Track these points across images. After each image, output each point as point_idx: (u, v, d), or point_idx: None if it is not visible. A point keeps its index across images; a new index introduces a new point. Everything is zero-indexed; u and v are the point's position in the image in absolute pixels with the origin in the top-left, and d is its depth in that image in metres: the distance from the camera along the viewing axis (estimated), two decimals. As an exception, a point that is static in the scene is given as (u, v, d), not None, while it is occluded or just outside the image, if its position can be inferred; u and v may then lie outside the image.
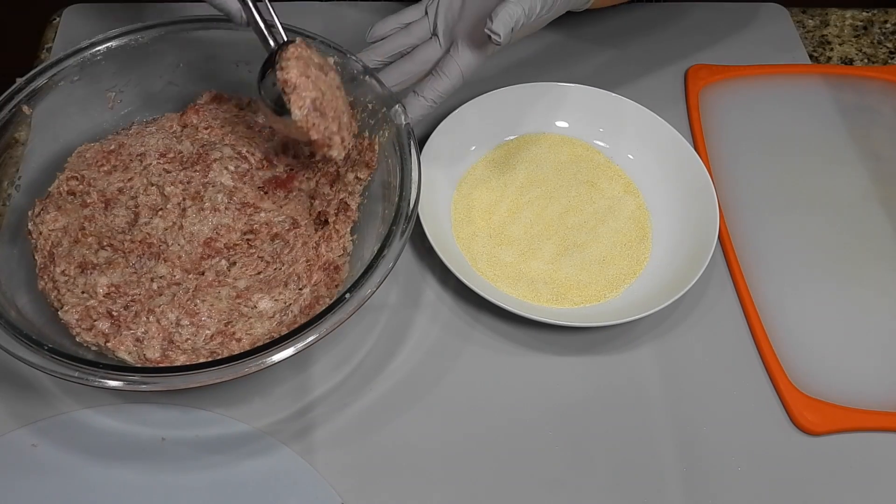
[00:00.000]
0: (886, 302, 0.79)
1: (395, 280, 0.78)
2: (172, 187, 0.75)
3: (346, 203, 0.76)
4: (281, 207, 0.76)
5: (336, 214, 0.75)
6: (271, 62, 0.69)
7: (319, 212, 0.76)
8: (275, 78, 0.68)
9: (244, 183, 0.77)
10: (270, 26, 0.70)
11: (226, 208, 0.75)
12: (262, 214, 0.75)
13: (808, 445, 0.71)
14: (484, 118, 0.86)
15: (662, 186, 0.84)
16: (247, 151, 0.78)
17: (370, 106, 0.76)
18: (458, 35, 0.74)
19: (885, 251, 0.82)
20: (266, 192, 0.77)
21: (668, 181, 0.84)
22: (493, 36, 0.67)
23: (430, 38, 0.77)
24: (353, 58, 0.77)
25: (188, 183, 0.76)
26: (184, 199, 0.75)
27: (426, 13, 0.78)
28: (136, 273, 0.70)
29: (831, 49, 1.02)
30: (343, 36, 0.82)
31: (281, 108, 0.69)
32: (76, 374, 0.59)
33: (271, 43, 0.70)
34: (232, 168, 0.77)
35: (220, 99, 0.82)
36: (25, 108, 0.74)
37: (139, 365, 0.65)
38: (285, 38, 0.70)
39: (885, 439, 0.71)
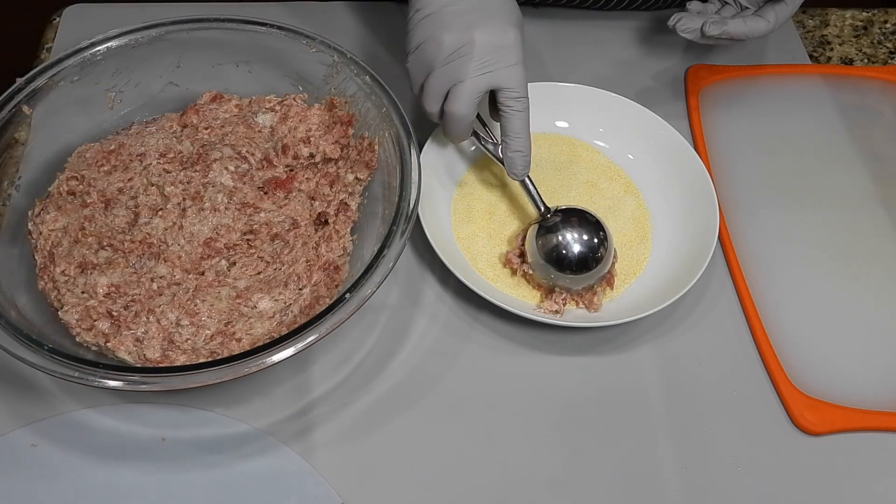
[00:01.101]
0: (886, 302, 0.79)
1: (395, 280, 0.78)
2: (172, 187, 0.75)
3: (345, 203, 0.76)
4: (281, 208, 0.76)
5: (336, 215, 0.75)
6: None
7: (319, 213, 0.76)
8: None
9: (244, 183, 0.77)
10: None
11: (226, 208, 0.74)
12: (262, 214, 0.75)
13: (807, 445, 0.71)
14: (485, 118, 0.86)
15: (662, 186, 0.84)
16: (247, 152, 0.78)
17: (370, 105, 0.76)
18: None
19: (885, 251, 0.82)
20: (266, 193, 0.77)
21: (668, 181, 0.84)
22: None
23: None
24: (354, 58, 0.77)
25: (188, 183, 0.75)
26: (184, 200, 0.74)
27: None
28: (136, 273, 0.70)
29: (831, 49, 1.02)
30: (343, 36, 0.82)
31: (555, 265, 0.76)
32: (76, 374, 0.59)
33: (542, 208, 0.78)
34: (232, 168, 0.77)
35: (219, 99, 0.82)
36: (25, 108, 0.74)
37: (139, 365, 0.65)
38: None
39: (885, 439, 0.71)
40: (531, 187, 0.78)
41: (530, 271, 0.77)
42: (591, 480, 0.68)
